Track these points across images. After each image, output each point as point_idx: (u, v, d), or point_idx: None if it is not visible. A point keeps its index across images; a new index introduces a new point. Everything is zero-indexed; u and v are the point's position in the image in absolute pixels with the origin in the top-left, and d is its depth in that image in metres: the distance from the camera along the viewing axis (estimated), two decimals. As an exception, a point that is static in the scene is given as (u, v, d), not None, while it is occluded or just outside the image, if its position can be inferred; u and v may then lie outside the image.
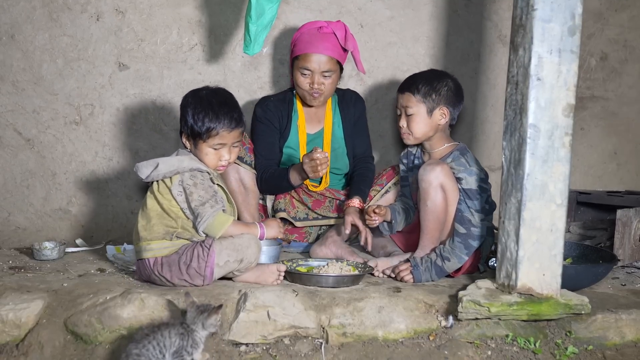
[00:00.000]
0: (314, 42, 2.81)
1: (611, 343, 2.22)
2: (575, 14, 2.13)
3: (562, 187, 2.17)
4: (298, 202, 2.97)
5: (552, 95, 2.13)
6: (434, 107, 2.60)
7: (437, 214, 2.51)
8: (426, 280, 2.48)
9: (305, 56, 2.81)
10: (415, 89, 2.60)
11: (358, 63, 2.94)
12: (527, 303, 2.16)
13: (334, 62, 2.84)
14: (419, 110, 2.60)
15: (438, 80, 2.63)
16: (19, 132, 3.07)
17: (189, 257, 2.24)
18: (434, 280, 2.49)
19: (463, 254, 2.48)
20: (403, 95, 2.63)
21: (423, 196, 2.52)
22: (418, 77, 2.66)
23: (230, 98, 2.43)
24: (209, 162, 2.37)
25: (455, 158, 2.56)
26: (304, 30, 2.88)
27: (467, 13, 3.43)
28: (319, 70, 2.81)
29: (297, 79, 2.86)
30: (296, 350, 2.09)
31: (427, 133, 2.63)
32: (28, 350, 2.05)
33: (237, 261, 2.26)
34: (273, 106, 2.93)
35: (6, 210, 3.08)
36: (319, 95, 2.87)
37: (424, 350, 2.13)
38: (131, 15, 3.09)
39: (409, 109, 2.61)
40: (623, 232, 2.89)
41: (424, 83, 2.61)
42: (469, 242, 2.48)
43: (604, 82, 3.68)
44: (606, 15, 3.64)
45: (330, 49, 2.81)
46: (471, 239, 2.48)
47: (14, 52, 3.02)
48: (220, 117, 2.32)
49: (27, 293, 2.17)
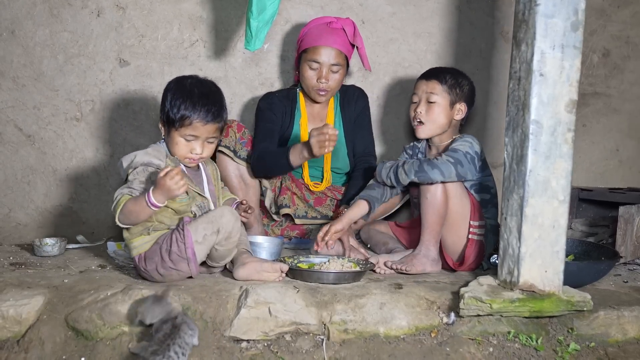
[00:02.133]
0: (324, 35, 2.81)
1: (613, 340, 2.21)
2: (578, 10, 2.12)
3: (565, 183, 2.16)
4: (299, 199, 2.96)
5: (555, 91, 2.13)
6: (456, 101, 2.68)
7: (438, 207, 2.51)
8: (386, 177, 2.58)
9: (315, 49, 2.80)
10: (443, 78, 2.68)
11: (364, 60, 2.94)
12: (529, 300, 2.15)
13: (343, 56, 2.84)
14: (443, 99, 2.66)
15: (462, 77, 2.73)
16: (20, 128, 3.06)
17: (168, 244, 2.23)
18: (411, 179, 2.51)
19: (450, 169, 2.47)
20: (429, 82, 2.68)
21: (423, 190, 2.52)
22: (444, 70, 2.76)
23: (215, 92, 2.39)
24: (178, 151, 2.32)
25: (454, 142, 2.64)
26: (312, 25, 2.87)
27: (469, 9, 3.42)
28: (328, 63, 2.81)
29: (304, 72, 2.85)
30: (297, 347, 2.09)
31: (443, 126, 2.69)
32: (29, 346, 2.04)
33: (214, 233, 2.23)
34: (277, 100, 2.92)
35: (7, 206, 3.08)
36: (326, 93, 2.86)
37: (425, 346, 2.12)
38: (132, 11, 3.08)
39: (433, 96, 2.66)
40: (625, 229, 2.88)
41: (451, 76, 2.69)
42: (428, 166, 2.46)
43: (606, 78, 3.67)
44: (609, 12, 3.63)
45: (339, 42, 2.82)
46: (433, 166, 2.46)
47: (14, 48, 3.01)
48: (197, 107, 2.28)
49: (28, 289, 2.17)
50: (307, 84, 2.86)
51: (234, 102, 3.23)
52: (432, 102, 2.66)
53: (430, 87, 2.67)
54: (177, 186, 2.08)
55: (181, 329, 1.90)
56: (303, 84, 2.90)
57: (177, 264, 2.24)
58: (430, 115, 2.66)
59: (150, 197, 2.12)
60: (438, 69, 2.77)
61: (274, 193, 2.95)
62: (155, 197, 2.12)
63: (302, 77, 2.87)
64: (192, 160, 2.36)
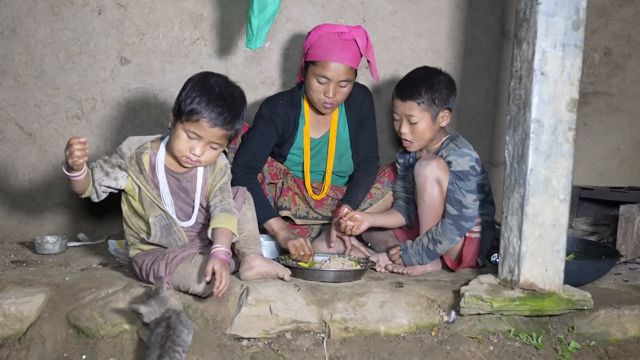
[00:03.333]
0: (335, 50, 2.67)
1: (613, 339, 2.22)
2: (580, 8, 2.12)
3: (565, 182, 2.16)
4: (300, 200, 2.94)
5: (556, 90, 2.13)
6: (438, 112, 2.58)
7: (435, 208, 2.51)
8: (417, 263, 2.51)
9: (325, 64, 2.68)
10: (418, 97, 2.55)
11: (374, 72, 2.85)
12: (530, 298, 2.15)
13: (353, 71, 2.74)
14: (424, 117, 2.57)
15: (435, 80, 2.58)
16: (21, 126, 3.06)
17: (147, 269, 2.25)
18: (425, 263, 2.52)
19: (455, 235, 2.48)
20: (405, 103, 2.58)
21: (420, 191, 2.52)
22: (416, 82, 2.59)
23: (236, 98, 2.23)
24: (176, 145, 2.19)
25: (444, 145, 2.59)
26: (322, 33, 2.72)
27: (470, 7, 3.42)
28: (337, 79, 2.70)
29: (311, 84, 2.75)
30: (298, 345, 2.09)
31: (431, 138, 2.63)
32: (30, 344, 2.05)
33: None
34: (281, 110, 2.83)
35: (8, 204, 3.08)
36: (331, 106, 2.79)
37: (426, 345, 2.12)
38: (133, 9, 3.08)
39: (413, 117, 2.57)
40: (626, 228, 2.88)
41: (425, 88, 2.55)
42: (460, 223, 2.47)
43: (607, 77, 3.67)
44: (610, 10, 3.62)
45: (350, 58, 2.69)
46: (463, 220, 2.47)
47: (15, 46, 3.01)
48: (210, 106, 2.15)
49: (29, 287, 2.17)
50: (313, 96, 2.78)
51: (235, 100, 3.23)
52: (413, 122, 2.58)
53: (407, 109, 2.57)
54: (69, 154, 2.03)
55: (177, 329, 1.90)
56: (308, 94, 2.81)
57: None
58: (415, 135, 2.59)
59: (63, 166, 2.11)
60: (409, 84, 2.59)
61: (275, 193, 2.93)
62: (65, 166, 2.10)
63: (308, 87, 2.78)
64: (188, 160, 2.22)
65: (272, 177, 2.86)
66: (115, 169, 2.23)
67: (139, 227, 2.30)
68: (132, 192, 2.26)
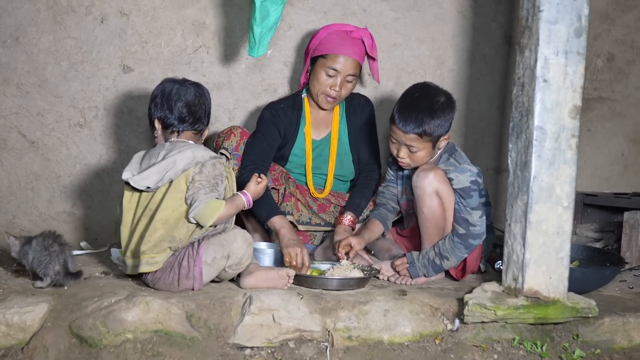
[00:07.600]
0: (345, 45, 2.79)
1: (619, 347, 2.20)
2: (582, 15, 2.12)
3: (569, 189, 2.16)
4: (303, 206, 2.94)
5: (559, 97, 2.12)
6: (439, 139, 2.52)
7: (435, 220, 2.49)
8: (422, 275, 2.51)
9: (336, 57, 2.78)
10: (422, 131, 2.46)
11: (375, 73, 2.95)
12: (534, 306, 2.14)
13: (359, 68, 2.85)
14: (425, 147, 2.51)
15: (438, 108, 2.47)
16: (24, 134, 3.07)
17: (181, 257, 2.24)
18: (430, 275, 2.52)
19: (463, 253, 2.47)
20: (407, 135, 2.48)
21: (419, 204, 2.50)
22: (418, 113, 2.46)
23: (197, 103, 2.42)
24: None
25: (444, 160, 2.54)
26: (331, 30, 2.84)
27: (473, 14, 3.42)
28: (346, 73, 2.79)
29: (319, 77, 2.81)
30: (301, 354, 2.08)
31: (428, 160, 2.58)
32: (33, 353, 2.04)
33: (224, 257, 2.24)
34: (282, 113, 2.87)
35: (11, 212, 3.09)
36: (334, 101, 2.85)
37: (429, 353, 2.11)
38: (135, 18, 3.09)
39: (413, 147, 2.50)
40: (630, 235, 2.87)
41: (429, 120, 2.45)
42: (469, 242, 2.46)
43: (610, 83, 3.66)
44: (613, 16, 3.62)
45: (358, 54, 2.81)
46: (471, 238, 2.46)
47: (18, 54, 3.02)
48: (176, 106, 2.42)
49: (32, 296, 2.17)
50: (319, 89, 2.83)
51: (237, 108, 3.23)
52: (414, 151, 2.52)
53: (408, 140, 2.48)
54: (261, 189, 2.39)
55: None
56: (313, 88, 2.86)
57: (182, 280, 2.24)
58: (414, 159, 2.54)
59: (249, 199, 2.34)
60: (413, 114, 2.46)
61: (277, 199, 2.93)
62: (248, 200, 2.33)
63: (314, 81, 2.84)
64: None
65: (274, 182, 2.86)
66: (220, 174, 2.35)
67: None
68: None
